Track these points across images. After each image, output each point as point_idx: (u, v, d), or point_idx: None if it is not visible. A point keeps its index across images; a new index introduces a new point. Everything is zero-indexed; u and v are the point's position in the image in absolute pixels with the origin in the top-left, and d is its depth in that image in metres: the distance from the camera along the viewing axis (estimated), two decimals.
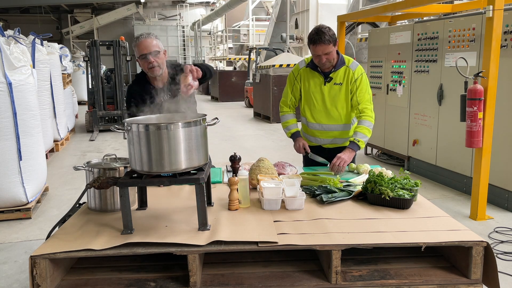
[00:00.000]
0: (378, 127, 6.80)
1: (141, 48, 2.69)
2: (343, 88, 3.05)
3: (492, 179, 4.46)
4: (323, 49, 2.87)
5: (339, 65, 3.04)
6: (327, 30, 2.88)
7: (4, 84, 4.26)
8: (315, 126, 3.20)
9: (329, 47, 2.87)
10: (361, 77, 3.04)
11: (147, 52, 2.68)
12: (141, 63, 2.75)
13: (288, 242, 1.85)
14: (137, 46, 2.71)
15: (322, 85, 3.09)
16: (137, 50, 2.72)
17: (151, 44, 2.70)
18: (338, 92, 3.07)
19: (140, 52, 2.70)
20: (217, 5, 24.99)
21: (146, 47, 2.69)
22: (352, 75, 3.03)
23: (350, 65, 3.06)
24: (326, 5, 13.71)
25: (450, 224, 2.04)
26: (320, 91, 3.10)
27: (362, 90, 3.04)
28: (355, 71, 3.04)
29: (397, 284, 1.86)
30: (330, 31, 2.89)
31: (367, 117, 3.02)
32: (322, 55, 2.90)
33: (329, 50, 2.89)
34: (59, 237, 1.94)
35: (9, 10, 24.97)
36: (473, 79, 4.05)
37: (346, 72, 3.04)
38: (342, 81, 3.05)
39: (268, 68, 11.52)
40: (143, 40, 2.70)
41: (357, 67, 3.06)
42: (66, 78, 9.67)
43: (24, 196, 4.45)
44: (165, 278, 1.93)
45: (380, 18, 7.22)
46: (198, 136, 2.00)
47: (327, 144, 3.25)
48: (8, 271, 3.38)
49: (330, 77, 3.05)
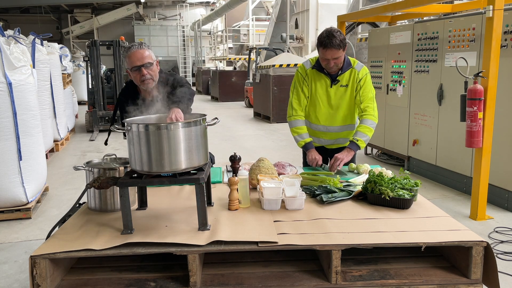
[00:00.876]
0: (378, 127, 6.77)
1: (133, 59, 2.53)
2: (348, 90, 3.06)
3: (492, 179, 4.46)
4: (332, 53, 2.83)
5: (345, 68, 3.02)
6: (338, 34, 2.81)
7: (4, 84, 4.26)
8: (320, 128, 3.20)
9: (339, 52, 2.83)
10: (365, 77, 3.04)
11: (140, 64, 2.53)
12: (133, 76, 2.59)
13: (288, 242, 1.85)
14: (128, 57, 2.55)
15: (328, 87, 3.07)
16: (129, 61, 2.55)
17: (143, 55, 2.53)
18: (343, 94, 3.07)
19: (132, 64, 2.54)
20: (217, 5, 24.98)
21: (138, 59, 2.53)
22: (357, 76, 3.03)
23: (356, 66, 3.06)
24: (326, 5, 13.71)
25: (450, 224, 2.04)
26: (326, 93, 3.08)
27: (365, 89, 3.04)
28: (360, 71, 3.04)
29: (397, 284, 1.86)
30: (341, 35, 2.83)
31: (369, 115, 3.02)
32: (331, 59, 2.87)
33: (339, 55, 2.85)
34: (59, 237, 1.94)
35: (9, 10, 24.97)
36: (473, 79, 4.04)
37: (352, 74, 3.04)
38: (348, 82, 3.05)
39: (268, 68, 11.52)
40: (135, 51, 2.53)
41: (362, 68, 3.07)
42: (66, 78, 9.67)
43: (24, 196, 4.45)
44: (165, 278, 1.93)
45: (380, 18, 7.22)
46: (198, 136, 2.00)
47: (330, 145, 3.25)
48: (8, 271, 3.38)
49: (337, 80, 3.04)
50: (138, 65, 2.53)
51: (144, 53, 2.54)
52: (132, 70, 2.56)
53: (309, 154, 3.11)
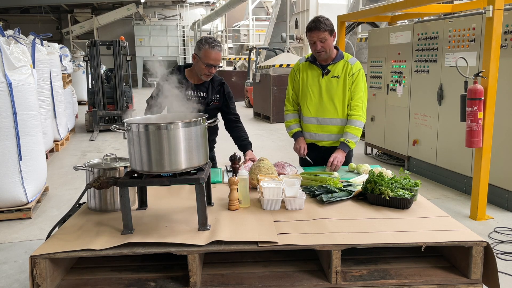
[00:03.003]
0: (378, 127, 6.80)
1: (212, 57, 2.84)
2: (340, 81, 3.08)
3: (492, 179, 4.46)
4: (318, 35, 2.93)
5: (338, 59, 3.09)
6: (324, 19, 2.97)
7: (4, 84, 4.26)
8: (312, 120, 3.20)
9: (324, 33, 2.93)
10: (358, 72, 3.08)
11: (214, 64, 2.88)
12: (201, 67, 2.89)
13: (288, 242, 1.85)
14: (208, 52, 2.83)
15: (320, 78, 3.12)
16: (206, 55, 2.84)
17: (219, 57, 2.89)
18: (336, 86, 3.09)
19: (209, 60, 2.85)
20: (217, 5, 24.98)
21: (216, 60, 2.87)
22: (350, 69, 3.07)
23: (349, 60, 3.11)
24: (326, 5, 13.71)
25: (450, 224, 2.04)
26: (318, 83, 3.13)
27: (357, 86, 3.07)
28: (354, 65, 3.08)
29: (397, 284, 1.86)
30: (328, 20, 2.97)
31: (357, 116, 3.06)
32: (318, 41, 2.94)
33: (324, 36, 2.93)
34: (59, 237, 1.94)
35: (9, 10, 24.98)
36: (473, 79, 4.04)
37: (345, 66, 3.08)
38: (340, 74, 3.08)
39: (268, 68, 11.52)
40: (218, 52, 2.86)
41: (356, 62, 3.11)
42: (66, 78, 9.67)
43: (24, 196, 4.45)
44: (165, 278, 1.93)
45: (380, 18, 7.22)
46: (198, 136, 2.00)
47: (323, 142, 3.20)
48: (8, 271, 3.38)
49: (328, 70, 3.09)
50: (213, 64, 2.88)
51: (220, 56, 2.91)
52: (206, 64, 2.87)
53: (295, 143, 3.24)
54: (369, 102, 6.90)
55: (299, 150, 3.20)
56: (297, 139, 3.24)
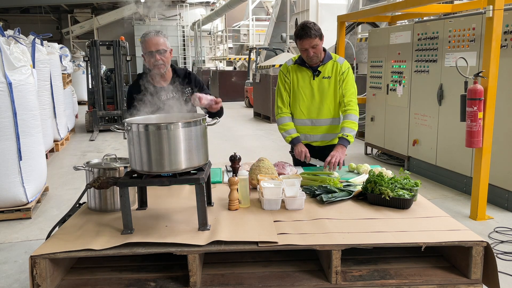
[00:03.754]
0: (378, 127, 6.80)
1: (149, 44, 2.73)
2: (331, 81, 3.12)
3: (492, 179, 4.46)
4: (309, 42, 2.95)
5: (326, 59, 3.12)
6: (312, 25, 2.98)
7: (4, 84, 4.26)
8: (305, 122, 3.21)
9: (315, 40, 2.96)
10: (347, 71, 3.13)
11: (154, 50, 2.73)
12: (147, 59, 2.79)
13: (288, 242, 1.85)
14: (145, 43, 2.75)
15: (311, 80, 3.14)
16: (145, 46, 2.75)
17: (159, 42, 2.74)
18: (327, 86, 3.13)
19: (148, 48, 2.74)
20: (217, 5, 24.99)
21: (154, 45, 2.73)
22: (340, 69, 3.12)
23: (338, 59, 3.16)
24: (326, 5, 13.71)
25: (450, 224, 2.04)
26: (310, 85, 3.15)
27: (348, 83, 3.12)
28: (343, 65, 3.14)
29: (397, 284, 1.86)
30: (316, 25, 2.99)
31: (352, 110, 3.09)
32: (310, 48, 2.97)
33: (316, 43, 2.96)
34: (59, 237, 1.94)
35: (9, 10, 24.98)
36: (473, 79, 4.04)
37: (334, 66, 3.13)
38: (331, 74, 3.12)
39: (268, 68, 11.52)
40: (152, 37, 2.74)
41: (344, 61, 3.17)
42: (66, 78, 9.67)
43: (24, 196, 4.45)
44: (165, 278, 1.93)
45: (380, 18, 7.22)
46: (198, 136, 2.00)
47: (317, 142, 3.23)
48: (8, 271, 3.38)
49: (319, 71, 3.12)
50: (152, 50, 2.73)
51: (159, 40, 2.74)
52: (147, 54, 2.75)
53: (296, 148, 3.17)
54: (369, 102, 6.91)
55: (301, 154, 3.11)
56: (297, 144, 3.16)
